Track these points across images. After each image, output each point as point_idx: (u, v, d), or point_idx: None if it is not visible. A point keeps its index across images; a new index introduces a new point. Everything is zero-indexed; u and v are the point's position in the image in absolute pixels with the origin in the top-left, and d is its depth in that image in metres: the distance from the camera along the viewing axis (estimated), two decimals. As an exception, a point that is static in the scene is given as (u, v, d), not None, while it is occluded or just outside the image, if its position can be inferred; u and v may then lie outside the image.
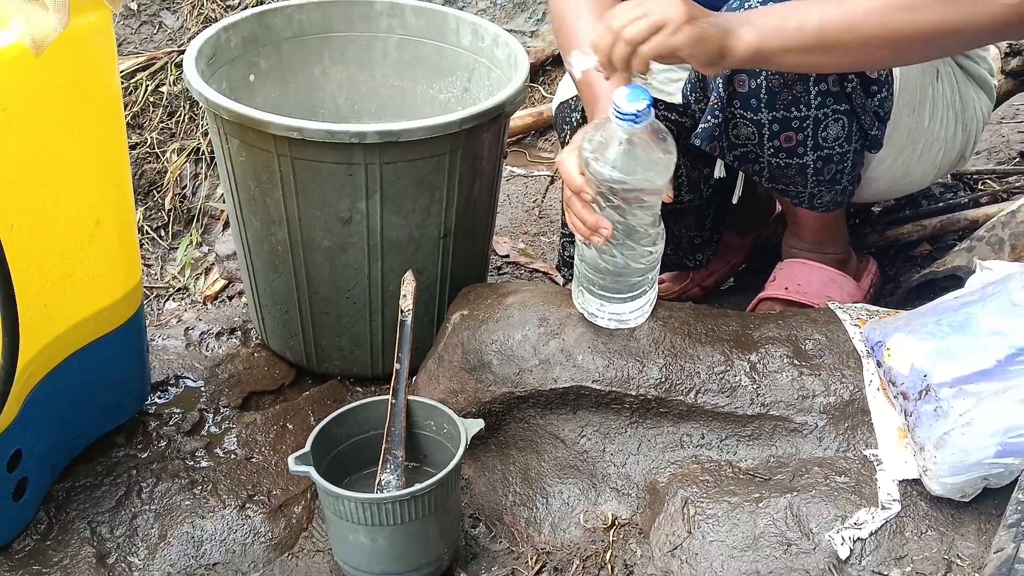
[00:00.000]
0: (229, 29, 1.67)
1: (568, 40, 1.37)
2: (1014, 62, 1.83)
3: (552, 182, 2.30)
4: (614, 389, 1.33)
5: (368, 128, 1.43)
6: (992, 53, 1.77)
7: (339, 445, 1.34)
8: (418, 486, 1.22)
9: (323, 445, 1.30)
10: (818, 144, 1.33)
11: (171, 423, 1.53)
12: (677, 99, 1.44)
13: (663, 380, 1.32)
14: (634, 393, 1.32)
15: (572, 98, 1.50)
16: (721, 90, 1.29)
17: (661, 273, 1.78)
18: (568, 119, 1.51)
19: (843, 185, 1.41)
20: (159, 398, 1.58)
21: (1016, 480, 1.14)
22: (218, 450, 1.50)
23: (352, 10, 1.77)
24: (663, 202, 1.26)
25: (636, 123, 1.15)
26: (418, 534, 1.25)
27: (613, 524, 1.32)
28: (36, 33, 1.18)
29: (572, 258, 1.62)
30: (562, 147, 1.55)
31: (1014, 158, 2.05)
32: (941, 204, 1.82)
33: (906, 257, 1.76)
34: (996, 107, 1.77)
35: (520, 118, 2.44)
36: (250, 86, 1.71)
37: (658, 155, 1.19)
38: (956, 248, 1.57)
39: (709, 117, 1.32)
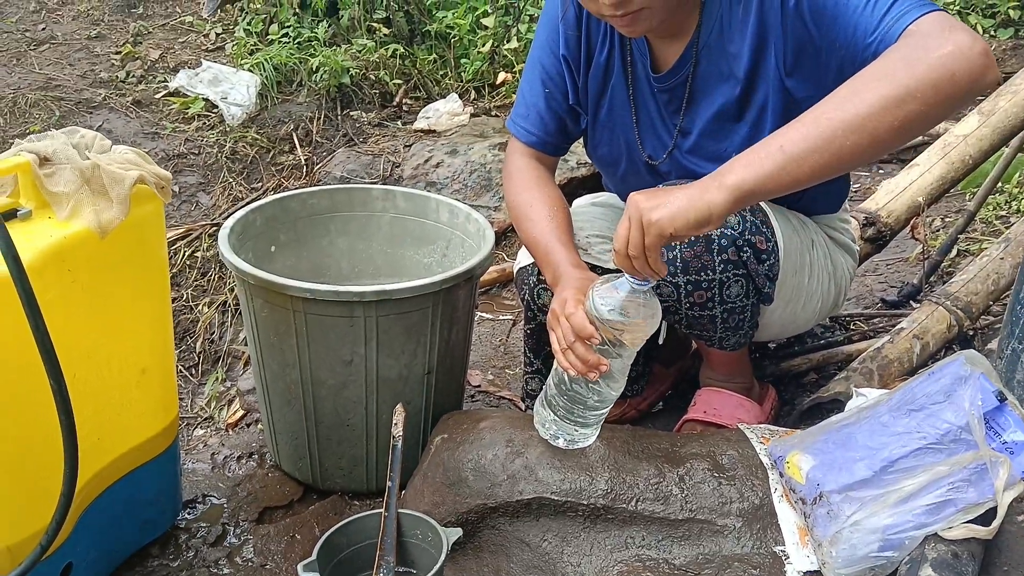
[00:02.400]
0: (255, 211, 1.70)
1: (547, 263, 1.37)
2: (870, 231, 1.89)
3: (514, 324, 2.33)
4: (569, 499, 1.32)
5: (367, 288, 1.45)
6: (853, 224, 1.85)
7: (340, 553, 1.31)
8: (408, 587, 1.19)
9: (327, 553, 1.27)
10: (723, 300, 1.36)
11: (198, 536, 1.49)
12: (611, 265, 1.49)
13: (609, 491, 1.32)
14: (586, 502, 1.31)
15: (529, 264, 1.54)
16: None
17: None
18: (527, 281, 1.54)
19: (744, 330, 1.43)
20: (189, 514, 1.54)
21: (896, 570, 1.15)
22: (238, 559, 1.46)
23: (354, 195, 1.82)
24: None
25: (647, 285, 1.18)
26: (408, 629, 1.22)
27: (571, 616, 1.29)
28: (102, 221, 1.22)
29: (535, 391, 1.63)
30: (522, 302, 1.58)
31: (877, 303, 2.10)
32: (823, 341, 1.85)
33: (797, 384, 1.78)
34: (860, 265, 1.83)
35: (487, 274, 2.48)
36: (271, 255, 1.74)
37: (653, 308, 1.22)
38: (836, 377, 1.59)
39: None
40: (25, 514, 1.18)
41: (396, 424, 1.42)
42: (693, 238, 1.30)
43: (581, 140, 1.54)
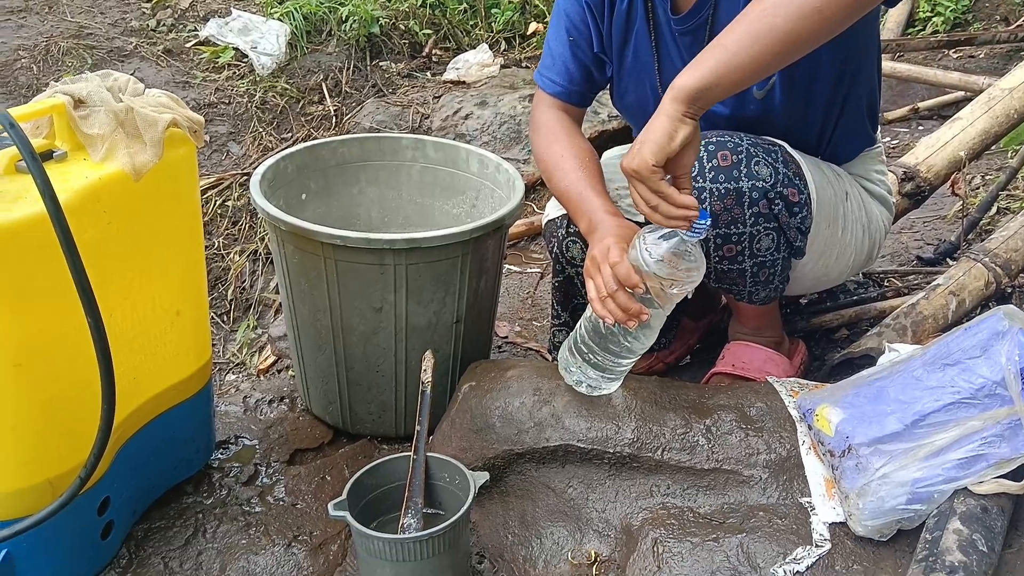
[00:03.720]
0: (286, 159, 1.70)
1: (580, 212, 1.37)
2: (908, 186, 1.85)
3: (542, 278, 2.33)
4: (595, 447, 1.33)
5: (397, 237, 1.45)
6: (891, 178, 1.82)
7: (369, 494, 1.33)
8: (435, 528, 1.21)
9: (356, 494, 1.29)
10: (753, 253, 1.35)
11: (231, 475, 1.53)
12: (640, 218, 1.47)
13: (635, 440, 1.32)
14: (612, 450, 1.32)
15: (558, 217, 1.52)
16: None
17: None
18: (555, 233, 1.53)
19: (775, 284, 1.42)
20: (222, 454, 1.58)
21: (924, 523, 1.15)
22: (269, 498, 1.49)
23: (384, 144, 1.81)
24: None
25: (697, 236, 1.17)
26: (434, 568, 1.24)
27: (595, 560, 1.31)
28: (137, 163, 1.23)
29: (560, 343, 1.63)
30: (550, 255, 1.57)
31: (912, 261, 2.08)
32: (855, 297, 1.83)
33: (828, 340, 1.77)
34: (895, 221, 1.80)
35: (516, 227, 2.48)
36: (302, 203, 1.74)
37: (700, 261, 1.21)
38: (868, 333, 1.57)
39: None
40: (65, 449, 1.21)
41: (425, 370, 1.43)
42: (723, 191, 1.28)
43: (608, 90, 1.52)
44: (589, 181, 1.38)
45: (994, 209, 2.12)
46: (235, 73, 3.11)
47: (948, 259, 2.01)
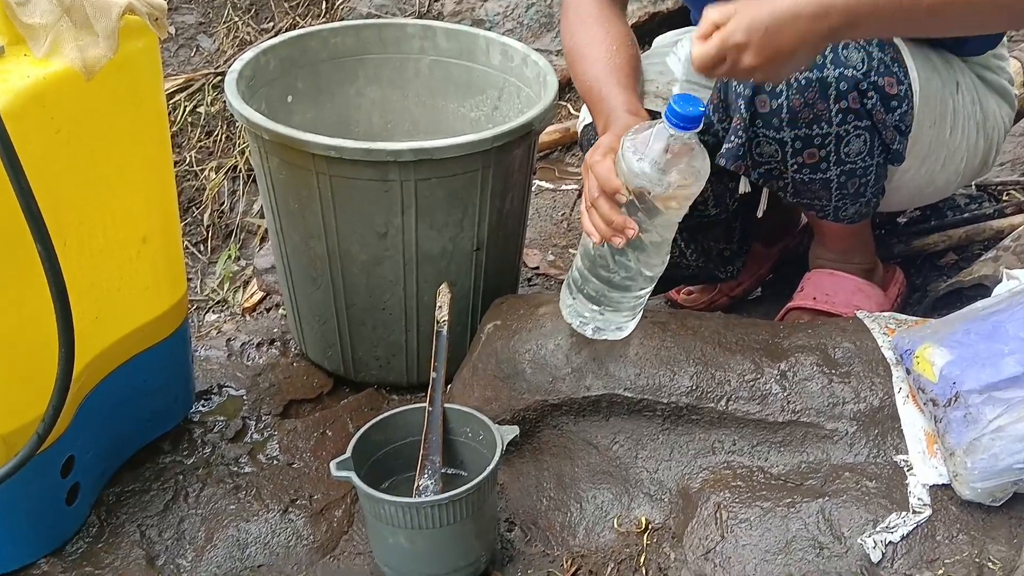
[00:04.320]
0: (268, 52, 1.68)
1: (599, 110, 1.36)
2: None
3: (579, 196, 2.31)
4: (646, 397, 1.33)
5: (403, 146, 1.44)
6: (1013, 66, 1.76)
7: (378, 451, 1.35)
8: (456, 491, 1.23)
9: (363, 451, 1.31)
10: (840, 159, 1.32)
11: (215, 430, 1.55)
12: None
13: (694, 388, 1.32)
14: (665, 401, 1.32)
15: (598, 120, 1.51)
16: (743, 110, 1.28)
17: (692, 285, 1.79)
18: (592, 141, 1.51)
19: (867, 197, 1.40)
20: (203, 406, 1.60)
21: (1046, 485, 1.14)
22: (261, 456, 1.51)
23: (386, 33, 1.78)
24: (686, 215, 1.26)
25: (689, 128, 1.14)
26: (456, 537, 1.26)
27: (647, 528, 1.32)
28: (87, 58, 1.21)
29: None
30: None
31: (1037, 169, 2.04)
32: (966, 215, 1.80)
33: (932, 267, 1.75)
34: (1017, 120, 1.76)
35: (548, 134, 2.45)
36: (288, 107, 1.73)
37: (697, 164, 1.19)
38: (982, 258, 1.55)
39: (733, 137, 1.31)
40: (20, 400, 1.23)
41: (440, 307, 1.43)
42: (803, 81, 1.25)
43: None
44: (615, 74, 1.36)
45: None
46: (204, -51, 3.05)
47: (1082, 167, 1.96)
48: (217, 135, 2.64)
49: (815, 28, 1.05)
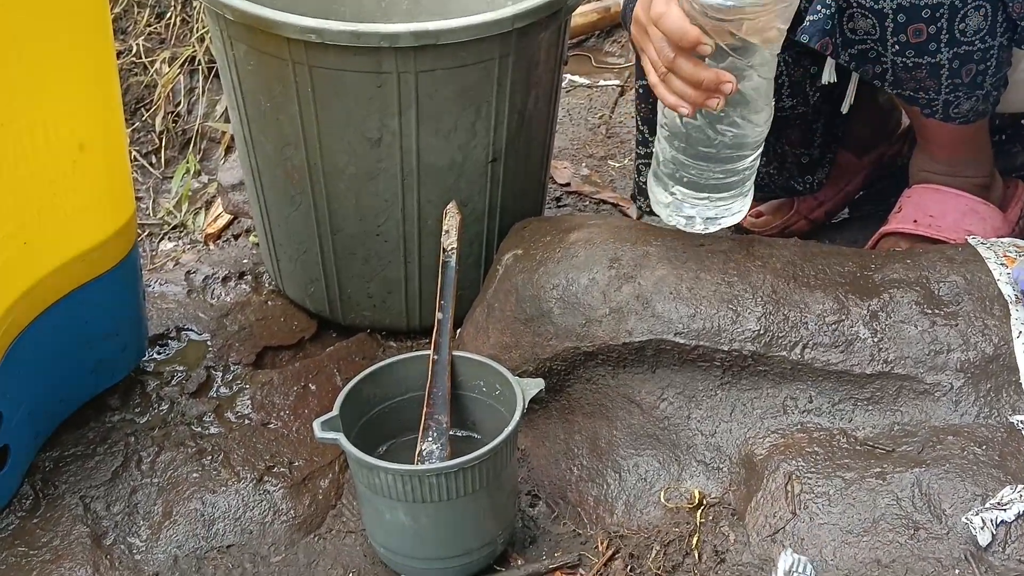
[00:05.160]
0: (231, -91, 1.68)
1: None
2: None
3: (622, 94, 2.29)
4: (702, 343, 1.34)
5: (401, 29, 1.43)
6: None
7: (372, 409, 1.37)
8: (466, 457, 1.24)
9: (353, 408, 1.33)
10: (954, 38, 1.31)
11: (173, 383, 1.58)
12: None
13: (762, 332, 1.33)
14: (726, 348, 1.33)
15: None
16: None
17: (760, 203, 1.78)
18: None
19: (986, 90, 1.39)
20: (158, 354, 1.63)
21: None
22: (229, 414, 1.54)
23: None
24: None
25: None
26: (467, 513, 1.28)
27: (700, 504, 1.34)
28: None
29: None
30: (634, 49, 1.54)
31: None
32: (1110, 115, 1.78)
33: (1064, 181, 1.74)
34: None
35: (583, 15, 2.43)
36: (258, -20, 1.73)
37: None
38: None
39: (819, 7, 1.30)
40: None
41: (447, 232, 1.44)
42: None
43: None
44: None
45: None
46: None
47: None
48: (170, 18, 2.63)
49: None
